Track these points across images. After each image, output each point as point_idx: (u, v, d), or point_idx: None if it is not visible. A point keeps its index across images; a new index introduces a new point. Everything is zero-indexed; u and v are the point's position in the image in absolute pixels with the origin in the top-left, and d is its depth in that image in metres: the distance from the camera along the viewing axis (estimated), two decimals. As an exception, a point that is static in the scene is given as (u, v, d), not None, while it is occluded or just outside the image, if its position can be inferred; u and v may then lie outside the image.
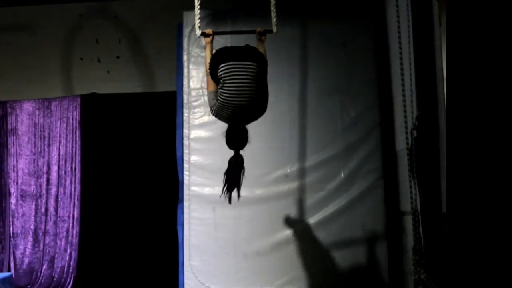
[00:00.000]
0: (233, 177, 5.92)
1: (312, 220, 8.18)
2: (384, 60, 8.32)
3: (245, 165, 6.14)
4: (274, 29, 6.09)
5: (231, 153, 7.02)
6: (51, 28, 10.63)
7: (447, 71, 2.67)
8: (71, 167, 10.17)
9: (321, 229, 8.16)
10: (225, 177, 5.95)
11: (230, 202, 5.99)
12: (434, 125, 6.09)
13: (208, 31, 6.11)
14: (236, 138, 5.87)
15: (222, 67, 5.72)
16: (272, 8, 6.14)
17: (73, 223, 10.08)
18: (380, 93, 8.34)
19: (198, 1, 6.15)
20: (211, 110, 5.93)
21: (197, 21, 6.06)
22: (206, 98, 8.33)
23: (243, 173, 5.92)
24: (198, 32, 6.06)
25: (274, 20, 6.10)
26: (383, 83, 8.32)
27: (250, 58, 5.76)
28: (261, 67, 5.80)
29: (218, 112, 5.83)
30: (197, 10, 6.12)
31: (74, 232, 10.06)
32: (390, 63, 8.15)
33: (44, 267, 10.15)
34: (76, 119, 10.26)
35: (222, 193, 5.96)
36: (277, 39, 6.50)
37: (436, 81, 6.07)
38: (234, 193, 5.96)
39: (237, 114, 5.77)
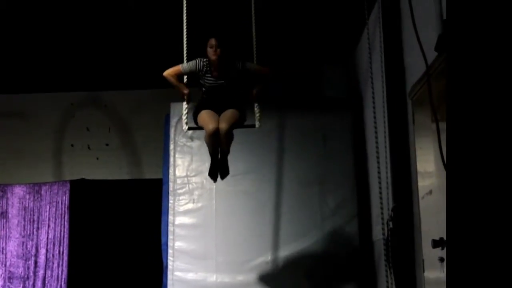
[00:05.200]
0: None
1: (292, 308, 8.26)
2: (361, 153, 8.63)
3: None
4: (257, 125, 6.32)
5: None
6: (43, 115, 10.92)
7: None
8: (59, 251, 10.21)
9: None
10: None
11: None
12: (409, 217, 6.31)
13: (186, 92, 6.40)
14: None
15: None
16: (256, 104, 6.38)
17: (59, 306, 10.09)
18: (357, 184, 8.56)
19: (186, 105, 6.44)
20: None
21: (184, 117, 6.33)
22: (191, 186, 8.57)
23: None
24: (185, 127, 6.31)
25: (257, 115, 6.34)
26: (361, 175, 8.58)
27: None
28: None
29: None
30: (184, 105, 6.38)
31: (60, 315, 10.07)
32: (367, 156, 8.45)
33: None
34: (65, 203, 10.39)
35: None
36: (258, 131, 6.68)
37: (410, 174, 6.33)
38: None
39: None
